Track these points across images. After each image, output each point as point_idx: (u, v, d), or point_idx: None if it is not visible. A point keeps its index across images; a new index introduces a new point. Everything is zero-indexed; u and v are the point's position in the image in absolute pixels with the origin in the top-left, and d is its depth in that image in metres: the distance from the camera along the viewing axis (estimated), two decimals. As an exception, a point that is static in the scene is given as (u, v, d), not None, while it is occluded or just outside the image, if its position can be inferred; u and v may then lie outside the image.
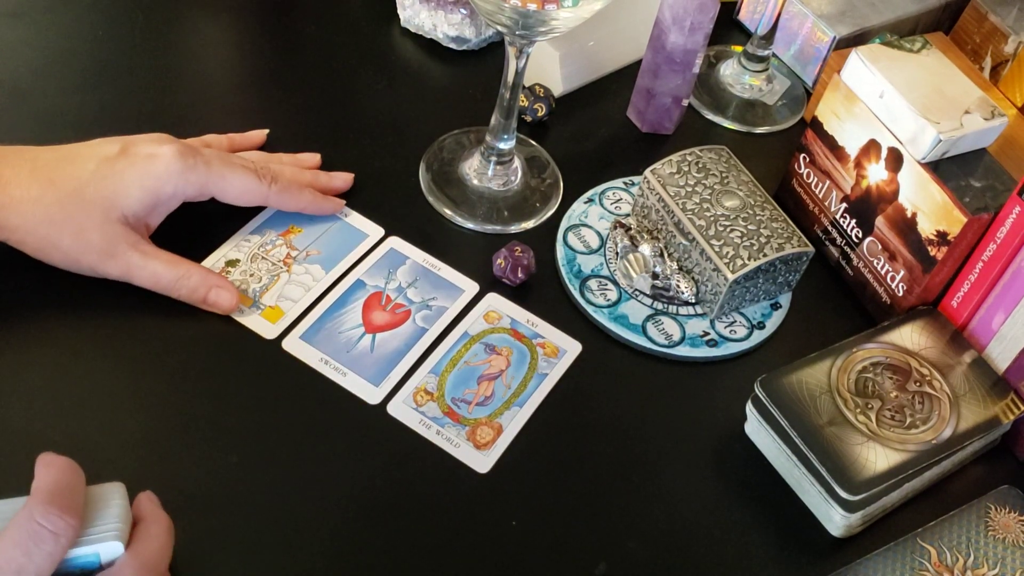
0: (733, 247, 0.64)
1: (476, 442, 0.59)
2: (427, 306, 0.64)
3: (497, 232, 0.69)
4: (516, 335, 0.64)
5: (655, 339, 0.65)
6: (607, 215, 0.71)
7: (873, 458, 0.56)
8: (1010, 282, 0.61)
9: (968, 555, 0.56)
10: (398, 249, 0.67)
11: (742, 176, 0.68)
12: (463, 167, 0.72)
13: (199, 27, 0.79)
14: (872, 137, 0.65)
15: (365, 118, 0.75)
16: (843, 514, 0.56)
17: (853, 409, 0.59)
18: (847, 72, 0.66)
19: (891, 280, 0.67)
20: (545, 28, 0.60)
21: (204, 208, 0.66)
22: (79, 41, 0.76)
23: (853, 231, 0.68)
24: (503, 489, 0.57)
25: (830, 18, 0.80)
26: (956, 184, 0.62)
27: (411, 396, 0.60)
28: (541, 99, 0.75)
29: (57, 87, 0.72)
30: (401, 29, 0.81)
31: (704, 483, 0.59)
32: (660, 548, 0.56)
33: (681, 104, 0.76)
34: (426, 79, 0.79)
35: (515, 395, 0.61)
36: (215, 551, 0.53)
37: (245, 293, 0.63)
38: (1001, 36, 0.80)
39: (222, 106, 0.74)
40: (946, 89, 0.64)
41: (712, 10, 0.71)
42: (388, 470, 0.57)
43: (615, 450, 0.60)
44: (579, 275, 0.67)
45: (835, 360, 0.61)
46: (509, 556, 0.55)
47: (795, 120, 0.81)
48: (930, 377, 0.61)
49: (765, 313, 0.67)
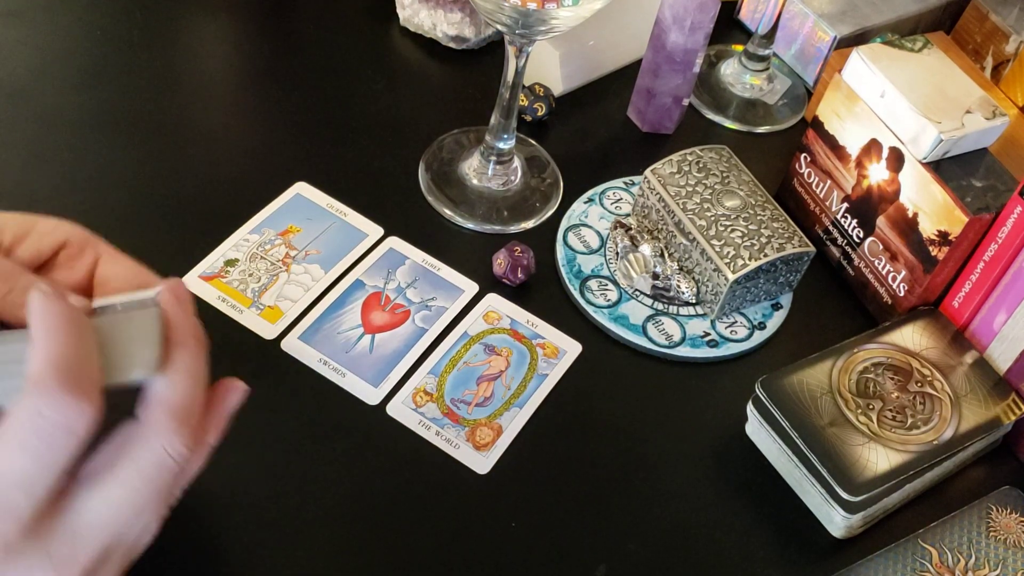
0: (734, 247, 0.63)
1: (476, 443, 0.59)
2: (426, 306, 0.64)
3: (497, 232, 0.69)
4: (516, 335, 0.64)
5: (655, 339, 0.64)
6: (607, 215, 0.70)
7: (874, 459, 0.56)
8: (1011, 282, 0.61)
9: (969, 556, 0.56)
10: (397, 249, 0.67)
11: (743, 176, 0.68)
12: (463, 167, 0.71)
13: (198, 26, 0.79)
14: (873, 137, 0.65)
15: (364, 118, 0.74)
16: (844, 515, 0.56)
17: (854, 410, 0.58)
18: (848, 72, 0.66)
19: (892, 280, 0.66)
20: (545, 27, 0.59)
21: (203, 208, 0.65)
22: (78, 40, 0.75)
23: (854, 231, 0.68)
24: (503, 490, 0.57)
25: (831, 17, 0.80)
26: (957, 184, 0.62)
27: (410, 397, 0.60)
28: (541, 99, 0.75)
29: (56, 87, 0.72)
30: (400, 28, 0.81)
31: (704, 484, 0.59)
32: (660, 549, 0.56)
33: (681, 104, 0.76)
34: (425, 79, 0.79)
35: (515, 396, 0.61)
36: (215, 551, 0.52)
37: (244, 293, 0.63)
38: (1002, 36, 0.79)
39: (221, 105, 0.74)
40: (947, 89, 0.63)
41: (712, 9, 0.70)
42: (387, 471, 0.57)
43: (615, 451, 0.60)
44: (579, 275, 0.67)
45: (836, 360, 0.61)
46: (509, 557, 0.55)
47: (796, 120, 0.81)
48: (931, 378, 0.61)
49: (766, 313, 0.67)
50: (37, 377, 0.34)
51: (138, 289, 0.40)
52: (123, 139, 0.70)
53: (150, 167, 0.68)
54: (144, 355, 0.37)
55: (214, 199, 0.67)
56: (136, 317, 0.38)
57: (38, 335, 0.35)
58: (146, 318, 0.38)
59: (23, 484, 0.34)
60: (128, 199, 0.66)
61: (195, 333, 0.39)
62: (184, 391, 0.37)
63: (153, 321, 0.38)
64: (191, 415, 0.37)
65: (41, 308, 0.35)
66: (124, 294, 0.40)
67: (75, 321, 0.35)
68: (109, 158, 0.68)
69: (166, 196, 0.67)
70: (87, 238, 0.43)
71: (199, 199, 0.67)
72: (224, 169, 0.69)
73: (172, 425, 0.37)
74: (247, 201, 0.67)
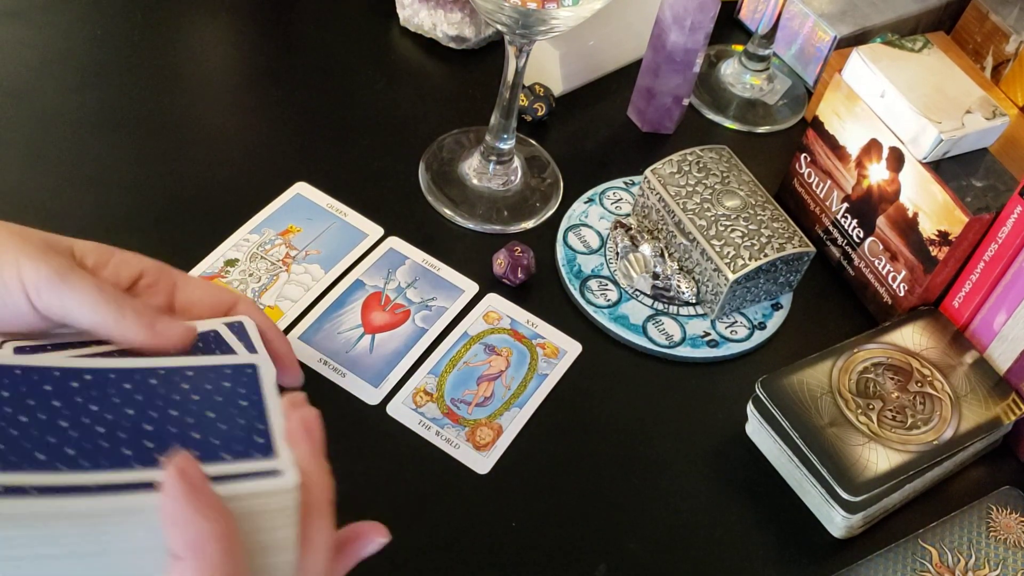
0: (734, 247, 0.63)
1: (476, 443, 0.59)
2: (427, 306, 0.64)
3: (497, 232, 0.69)
4: (516, 335, 0.64)
5: (655, 339, 0.64)
6: (607, 215, 0.70)
7: (874, 459, 0.56)
8: (1011, 282, 0.61)
9: (969, 556, 0.56)
10: (397, 249, 0.67)
11: (743, 176, 0.68)
12: (463, 167, 0.71)
13: (198, 26, 0.79)
14: (873, 137, 0.65)
15: (364, 117, 0.74)
16: (844, 515, 0.56)
17: (854, 410, 0.58)
18: (848, 72, 0.66)
19: (892, 280, 0.66)
20: (545, 27, 0.59)
21: (203, 208, 0.65)
22: (78, 40, 0.75)
23: (854, 231, 0.68)
24: (503, 490, 0.57)
25: (831, 17, 0.80)
26: (957, 184, 0.62)
27: (410, 397, 0.60)
28: (541, 99, 0.75)
29: (56, 87, 0.72)
30: (401, 28, 0.81)
31: (705, 484, 0.59)
32: (660, 549, 0.56)
33: (682, 104, 0.76)
34: (426, 78, 0.79)
35: (515, 396, 0.61)
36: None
37: (244, 293, 0.63)
38: (1002, 36, 0.79)
39: (221, 105, 0.74)
40: (947, 89, 0.63)
41: (712, 9, 0.70)
42: (387, 471, 0.57)
43: (615, 451, 0.60)
44: (579, 275, 0.67)
45: (836, 361, 0.61)
46: (509, 557, 0.55)
47: (796, 120, 0.81)
48: (931, 378, 0.61)
49: (766, 313, 0.67)
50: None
51: (220, 312, 0.42)
52: (123, 139, 0.70)
53: (150, 167, 0.68)
54: (285, 542, 0.34)
55: (214, 199, 0.67)
56: (271, 498, 0.34)
57: (185, 549, 0.32)
58: (283, 497, 0.34)
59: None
60: (128, 199, 0.66)
61: (328, 495, 0.37)
62: (321, 568, 0.36)
63: (291, 499, 0.34)
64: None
65: (181, 513, 0.32)
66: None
67: (225, 534, 0.32)
68: (109, 158, 0.68)
69: (166, 196, 0.67)
70: (161, 267, 0.44)
71: (199, 199, 0.67)
72: (224, 169, 0.69)
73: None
74: (247, 201, 0.67)
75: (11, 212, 0.64)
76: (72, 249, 0.41)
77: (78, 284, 0.38)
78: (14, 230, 0.39)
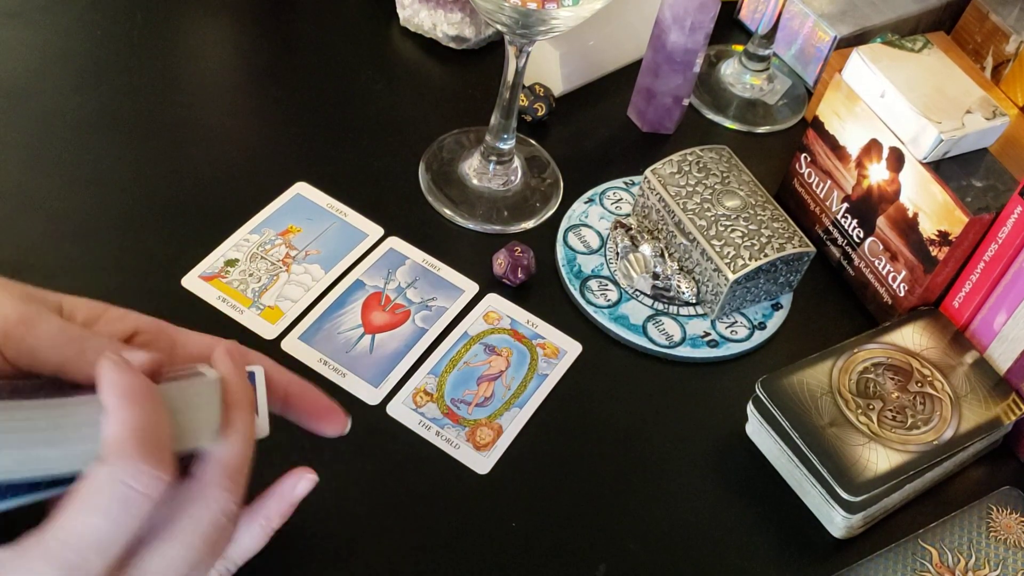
0: (734, 247, 0.63)
1: (476, 443, 0.59)
2: (427, 306, 0.64)
3: (497, 232, 0.69)
4: (516, 336, 0.64)
5: (656, 339, 0.64)
6: (607, 215, 0.70)
7: (874, 459, 0.56)
8: (1012, 282, 0.61)
9: (969, 556, 0.56)
10: (397, 249, 0.67)
11: (743, 176, 0.68)
12: (463, 167, 0.71)
13: (198, 26, 0.79)
14: (873, 137, 0.65)
15: (364, 118, 0.74)
16: (844, 515, 0.56)
17: (854, 410, 0.58)
18: (848, 72, 0.66)
19: (892, 280, 0.66)
20: (545, 27, 0.59)
21: (203, 208, 0.65)
22: (77, 41, 0.75)
23: (854, 231, 0.68)
24: (503, 490, 0.57)
25: (831, 17, 0.80)
26: (958, 184, 0.62)
27: (410, 397, 0.60)
28: (541, 99, 0.75)
29: (55, 87, 0.72)
30: (400, 28, 0.81)
31: (705, 484, 0.59)
32: (660, 549, 0.56)
33: (682, 104, 0.76)
34: (426, 79, 0.79)
35: (515, 396, 0.61)
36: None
37: (244, 293, 0.63)
38: (1002, 36, 0.79)
39: (221, 105, 0.74)
40: (947, 89, 0.63)
41: (713, 9, 0.70)
42: (387, 471, 0.57)
43: (615, 451, 0.60)
44: (579, 275, 0.67)
45: (836, 361, 0.61)
46: (509, 558, 0.55)
47: (796, 120, 0.81)
48: (931, 378, 0.61)
49: (766, 313, 0.67)
50: (116, 445, 0.35)
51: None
52: (123, 139, 0.70)
53: (150, 167, 0.68)
54: (208, 421, 0.39)
55: (214, 199, 0.67)
56: (197, 384, 0.39)
57: (112, 403, 0.36)
58: (207, 386, 0.39)
59: (99, 547, 0.35)
60: (128, 199, 0.66)
61: (248, 395, 0.41)
62: (240, 452, 0.39)
63: (214, 388, 0.40)
64: (244, 474, 0.39)
65: (114, 376, 0.36)
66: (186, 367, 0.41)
67: (148, 390, 0.37)
68: (109, 158, 0.68)
69: (166, 196, 0.67)
70: (159, 324, 0.44)
71: (199, 199, 0.67)
72: (224, 169, 0.69)
73: (229, 484, 0.38)
74: (247, 201, 0.67)
75: (11, 212, 0.64)
76: (60, 305, 0.41)
77: (42, 327, 0.39)
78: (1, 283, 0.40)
